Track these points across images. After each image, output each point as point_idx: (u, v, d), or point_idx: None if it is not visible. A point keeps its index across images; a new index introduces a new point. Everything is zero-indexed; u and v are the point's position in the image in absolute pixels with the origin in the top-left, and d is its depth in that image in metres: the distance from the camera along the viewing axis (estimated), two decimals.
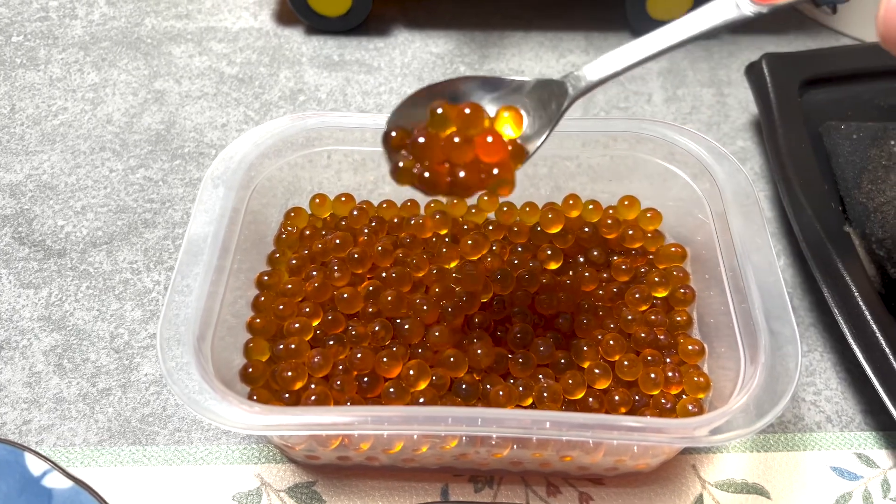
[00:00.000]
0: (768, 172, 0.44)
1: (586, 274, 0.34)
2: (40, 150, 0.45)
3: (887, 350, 0.32)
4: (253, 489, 0.32)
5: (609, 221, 0.36)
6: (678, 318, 0.33)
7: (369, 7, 0.51)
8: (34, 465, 0.29)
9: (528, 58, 0.51)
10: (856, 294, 0.34)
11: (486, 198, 0.37)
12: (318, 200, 0.37)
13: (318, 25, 0.51)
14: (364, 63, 0.50)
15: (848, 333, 0.33)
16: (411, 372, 0.30)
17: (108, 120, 0.46)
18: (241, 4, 0.54)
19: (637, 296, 0.33)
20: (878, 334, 0.33)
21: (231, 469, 0.33)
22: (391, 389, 0.30)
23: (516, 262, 0.35)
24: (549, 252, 0.35)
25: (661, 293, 0.34)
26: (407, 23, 0.53)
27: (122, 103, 0.47)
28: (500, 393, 0.30)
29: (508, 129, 0.27)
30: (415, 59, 0.51)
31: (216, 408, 0.26)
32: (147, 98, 0.48)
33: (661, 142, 0.35)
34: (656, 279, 0.34)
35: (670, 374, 0.31)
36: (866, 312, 0.33)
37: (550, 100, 0.27)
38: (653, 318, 0.33)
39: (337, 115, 0.35)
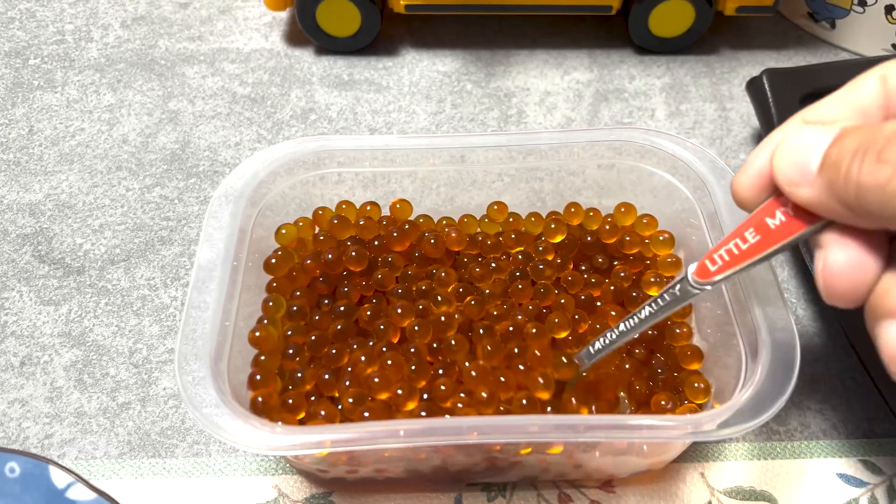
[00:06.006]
0: None
1: (593, 280, 0.35)
2: (58, 171, 0.46)
3: None
4: (270, 500, 0.33)
5: (607, 227, 0.37)
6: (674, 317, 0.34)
7: (378, 27, 0.52)
8: (58, 478, 0.30)
9: (533, 75, 0.52)
10: None
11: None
12: (320, 212, 0.37)
13: (328, 46, 0.53)
14: (373, 82, 0.51)
15: (852, 342, 0.34)
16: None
17: (124, 140, 0.47)
18: (252, 26, 0.55)
19: (636, 296, 0.35)
20: None
21: (249, 480, 0.33)
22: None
23: (528, 267, 0.36)
24: (558, 261, 0.36)
25: (655, 293, 0.35)
26: (414, 42, 0.54)
27: (138, 123, 0.48)
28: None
29: None
30: (422, 77, 0.52)
31: (233, 428, 0.27)
32: (162, 118, 0.49)
33: (665, 155, 0.36)
34: (651, 279, 0.35)
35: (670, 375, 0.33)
36: None
37: None
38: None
39: (342, 139, 0.36)
